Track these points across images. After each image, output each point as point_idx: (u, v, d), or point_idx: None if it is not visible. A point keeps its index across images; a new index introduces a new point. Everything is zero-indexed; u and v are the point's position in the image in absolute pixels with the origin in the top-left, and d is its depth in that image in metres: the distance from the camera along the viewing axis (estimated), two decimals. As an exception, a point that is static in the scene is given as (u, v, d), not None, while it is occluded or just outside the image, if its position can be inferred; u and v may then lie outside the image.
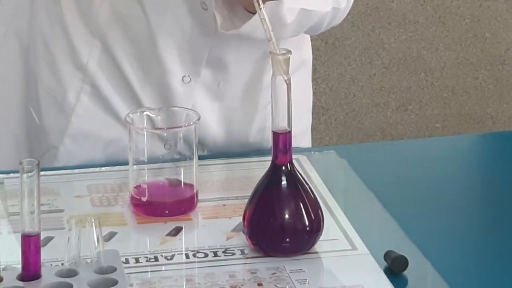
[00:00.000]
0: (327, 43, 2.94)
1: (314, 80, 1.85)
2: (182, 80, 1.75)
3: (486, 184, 1.67)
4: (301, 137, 1.78)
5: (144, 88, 1.76)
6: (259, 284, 1.15)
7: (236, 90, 1.79)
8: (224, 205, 1.41)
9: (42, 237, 1.13)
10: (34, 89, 1.87)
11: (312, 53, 1.95)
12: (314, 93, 1.87)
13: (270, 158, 1.26)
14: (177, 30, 1.74)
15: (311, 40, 1.96)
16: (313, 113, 1.85)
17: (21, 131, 1.91)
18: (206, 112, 1.75)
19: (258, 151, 1.66)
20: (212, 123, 1.74)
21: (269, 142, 1.39)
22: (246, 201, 1.26)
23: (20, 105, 1.94)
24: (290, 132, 1.19)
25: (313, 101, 1.88)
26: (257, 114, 1.77)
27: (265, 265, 1.21)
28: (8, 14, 1.91)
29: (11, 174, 1.34)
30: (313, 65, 1.90)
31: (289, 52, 1.20)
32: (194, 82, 1.75)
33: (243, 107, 1.78)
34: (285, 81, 1.17)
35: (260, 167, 1.35)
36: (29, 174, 1.04)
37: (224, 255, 1.25)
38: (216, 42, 1.72)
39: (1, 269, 1.08)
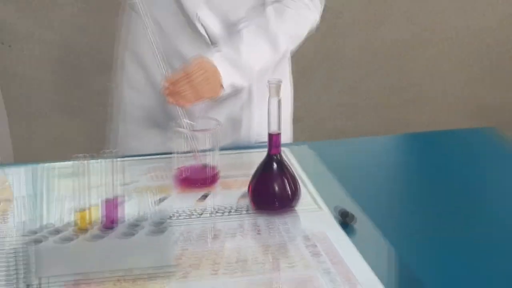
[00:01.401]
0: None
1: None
2: None
3: (413, 165, 1.73)
4: (285, 135, 1.76)
5: None
6: (258, 231, 1.35)
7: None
8: (235, 180, 1.54)
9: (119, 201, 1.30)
10: None
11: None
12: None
13: (266, 150, 1.42)
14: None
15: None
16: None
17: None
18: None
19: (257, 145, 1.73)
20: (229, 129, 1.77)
21: (262, 138, 1.58)
22: (250, 177, 1.45)
23: None
24: (279, 133, 1.40)
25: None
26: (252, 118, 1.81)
27: (262, 219, 1.39)
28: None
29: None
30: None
31: (280, 81, 1.38)
32: None
33: None
34: (278, 101, 1.37)
35: (259, 156, 1.47)
36: (112, 159, 1.28)
37: (235, 212, 1.45)
38: None
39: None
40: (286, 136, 1.88)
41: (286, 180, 1.41)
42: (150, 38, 1.65)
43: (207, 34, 1.75)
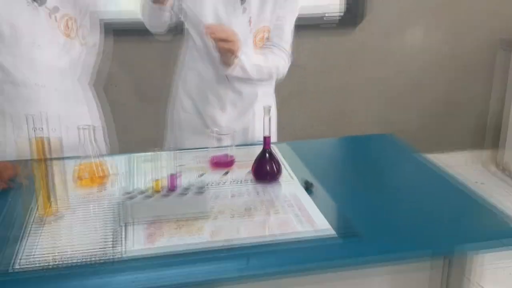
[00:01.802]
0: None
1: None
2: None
3: (348, 155, 1.70)
4: (273, 137, 1.72)
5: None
6: (257, 193, 1.34)
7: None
8: (244, 163, 1.48)
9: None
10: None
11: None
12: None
13: (262, 146, 1.39)
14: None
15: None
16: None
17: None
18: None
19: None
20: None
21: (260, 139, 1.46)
22: (253, 162, 1.41)
23: None
24: (269, 136, 1.39)
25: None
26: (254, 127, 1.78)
27: (259, 186, 1.38)
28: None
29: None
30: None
31: (270, 106, 1.36)
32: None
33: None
34: (268, 118, 1.36)
35: (258, 149, 1.42)
36: (173, 151, 1.31)
37: (244, 182, 1.41)
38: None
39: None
40: (274, 138, 1.80)
41: (273, 164, 1.40)
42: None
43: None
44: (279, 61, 1.70)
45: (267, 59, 1.66)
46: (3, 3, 1.55)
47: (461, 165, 3.50)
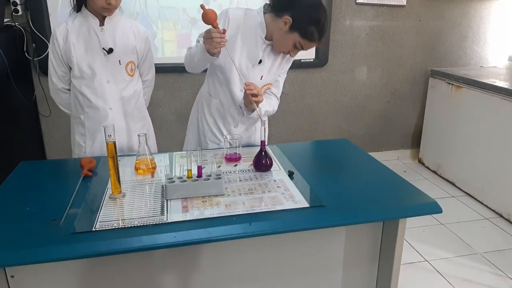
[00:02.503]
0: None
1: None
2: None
3: (318, 152, 1.66)
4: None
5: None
6: (256, 178, 1.32)
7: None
8: (248, 158, 1.46)
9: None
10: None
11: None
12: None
13: (259, 147, 1.38)
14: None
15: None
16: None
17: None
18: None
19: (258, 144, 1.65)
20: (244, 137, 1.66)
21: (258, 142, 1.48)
22: (253, 157, 1.39)
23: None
24: (264, 140, 1.38)
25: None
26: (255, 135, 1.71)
27: (258, 174, 1.35)
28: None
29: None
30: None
31: (265, 121, 1.40)
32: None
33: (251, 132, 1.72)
34: (264, 128, 1.38)
35: (257, 149, 1.39)
36: (199, 150, 1.28)
37: (247, 172, 1.37)
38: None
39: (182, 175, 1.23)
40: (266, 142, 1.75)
41: (267, 159, 1.38)
42: (236, 66, 1.47)
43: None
44: (275, 105, 1.66)
45: (269, 105, 1.61)
46: (86, 52, 1.55)
47: (394, 160, 3.51)
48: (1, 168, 1.99)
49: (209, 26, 1.37)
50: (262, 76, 1.56)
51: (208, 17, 1.33)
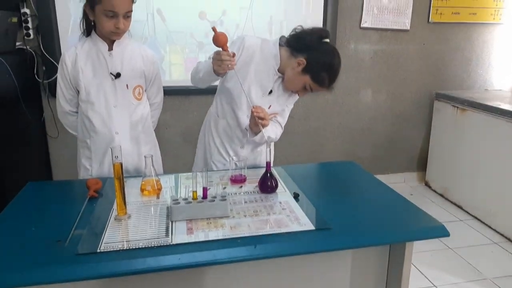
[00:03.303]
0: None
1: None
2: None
3: (323, 174, 1.65)
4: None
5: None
6: (261, 200, 1.31)
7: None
8: (253, 180, 1.44)
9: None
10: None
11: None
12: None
13: (265, 168, 1.38)
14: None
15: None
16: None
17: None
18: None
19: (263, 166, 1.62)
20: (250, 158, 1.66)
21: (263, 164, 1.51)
22: (259, 179, 1.39)
23: None
24: (270, 162, 1.38)
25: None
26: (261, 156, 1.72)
27: (263, 195, 1.35)
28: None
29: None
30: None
31: (270, 144, 1.41)
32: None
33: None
34: (269, 150, 1.38)
35: (262, 170, 1.39)
36: (204, 172, 1.28)
37: (253, 193, 1.37)
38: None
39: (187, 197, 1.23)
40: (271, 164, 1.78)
41: (272, 180, 1.38)
42: (243, 89, 1.48)
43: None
44: (279, 133, 1.66)
45: (274, 132, 1.62)
46: (94, 77, 1.55)
47: (400, 183, 3.48)
48: (9, 188, 2.01)
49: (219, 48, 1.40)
50: (270, 106, 1.58)
51: (219, 40, 1.36)
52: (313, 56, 1.45)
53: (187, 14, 2.67)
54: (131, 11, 1.49)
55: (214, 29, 1.38)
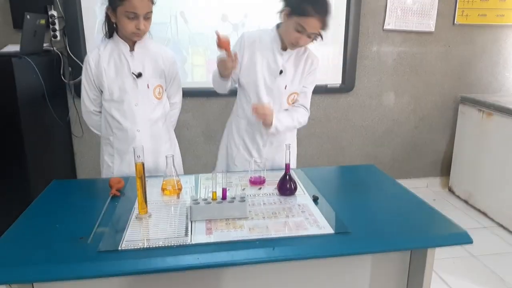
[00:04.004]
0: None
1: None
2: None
3: (343, 177, 1.64)
4: (293, 165, 1.74)
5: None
6: (280, 202, 1.31)
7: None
8: (272, 181, 1.44)
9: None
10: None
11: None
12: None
13: (284, 170, 1.38)
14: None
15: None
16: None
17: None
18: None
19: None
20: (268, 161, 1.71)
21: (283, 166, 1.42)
22: (278, 181, 1.38)
23: None
24: (289, 164, 1.37)
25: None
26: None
27: (282, 197, 1.35)
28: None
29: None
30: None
31: (290, 144, 1.36)
32: None
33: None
34: (289, 152, 1.36)
35: (281, 172, 1.38)
36: (224, 173, 1.28)
37: (272, 195, 1.37)
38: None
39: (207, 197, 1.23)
40: (294, 165, 1.81)
41: (291, 182, 1.38)
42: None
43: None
44: (301, 117, 1.70)
45: (293, 119, 1.67)
46: (116, 77, 1.60)
47: (423, 188, 3.41)
48: (35, 185, 2.08)
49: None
50: (286, 85, 1.64)
51: (221, 43, 1.44)
52: None
53: (209, 16, 2.69)
54: (151, 12, 1.53)
55: (217, 33, 1.44)
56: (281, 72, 1.61)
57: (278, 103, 1.66)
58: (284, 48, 1.61)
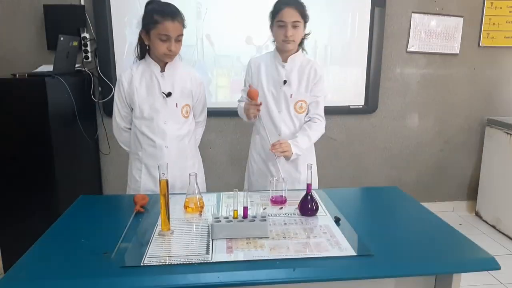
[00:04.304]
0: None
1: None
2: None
3: (366, 199, 1.62)
4: (315, 185, 1.81)
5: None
6: (302, 222, 1.31)
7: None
8: (293, 201, 1.43)
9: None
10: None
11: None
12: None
13: (305, 190, 1.38)
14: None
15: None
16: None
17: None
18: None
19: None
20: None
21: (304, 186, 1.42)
22: (299, 201, 1.38)
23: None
24: (311, 184, 1.37)
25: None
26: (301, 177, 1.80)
27: (303, 218, 1.35)
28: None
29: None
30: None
31: (311, 164, 1.36)
32: None
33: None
34: (310, 172, 1.36)
35: (303, 192, 1.38)
36: (246, 192, 1.29)
37: (293, 215, 1.37)
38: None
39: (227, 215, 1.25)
40: (316, 185, 1.86)
41: (313, 203, 1.37)
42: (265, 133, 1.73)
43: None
44: (317, 131, 1.78)
45: (310, 139, 1.76)
46: (147, 96, 1.66)
47: (449, 212, 3.32)
48: (63, 200, 2.13)
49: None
50: (291, 94, 1.76)
51: (252, 94, 1.67)
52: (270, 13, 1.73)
53: (234, 39, 2.75)
54: (182, 35, 1.61)
55: (250, 86, 1.72)
56: (285, 82, 1.75)
57: (286, 111, 1.77)
58: (284, 60, 1.76)
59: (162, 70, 1.66)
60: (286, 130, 1.78)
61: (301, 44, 1.77)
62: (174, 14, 1.56)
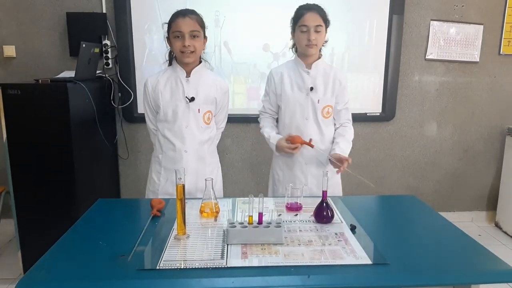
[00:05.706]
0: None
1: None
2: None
3: (381, 207, 1.61)
4: (333, 191, 1.83)
5: None
6: (317, 230, 1.30)
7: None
8: (308, 209, 1.44)
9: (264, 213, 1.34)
10: None
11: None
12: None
13: (321, 197, 1.37)
14: None
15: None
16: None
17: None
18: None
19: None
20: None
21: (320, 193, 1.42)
22: (314, 208, 1.38)
23: None
24: (326, 191, 1.36)
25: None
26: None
27: (318, 225, 1.34)
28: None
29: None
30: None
31: (327, 171, 1.36)
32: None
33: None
34: (326, 179, 1.36)
35: (318, 199, 1.38)
36: (261, 197, 1.28)
37: (308, 222, 1.37)
38: None
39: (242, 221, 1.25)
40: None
41: (328, 210, 1.37)
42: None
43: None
44: (352, 134, 1.86)
45: (349, 142, 1.83)
46: (171, 99, 1.70)
47: (468, 222, 3.24)
48: (81, 203, 2.16)
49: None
50: (318, 100, 1.79)
51: (295, 140, 1.74)
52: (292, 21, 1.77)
53: (251, 46, 2.77)
54: (197, 31, 1.63)
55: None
56: (311, 88, 1.77)
57: (313, 117, 1.80)
58: (308, 67, 1.77)
59: (188, 75, 1.71)
60: (314, 136, 1.79)
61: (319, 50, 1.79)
62: (185, 11, 1.62)
